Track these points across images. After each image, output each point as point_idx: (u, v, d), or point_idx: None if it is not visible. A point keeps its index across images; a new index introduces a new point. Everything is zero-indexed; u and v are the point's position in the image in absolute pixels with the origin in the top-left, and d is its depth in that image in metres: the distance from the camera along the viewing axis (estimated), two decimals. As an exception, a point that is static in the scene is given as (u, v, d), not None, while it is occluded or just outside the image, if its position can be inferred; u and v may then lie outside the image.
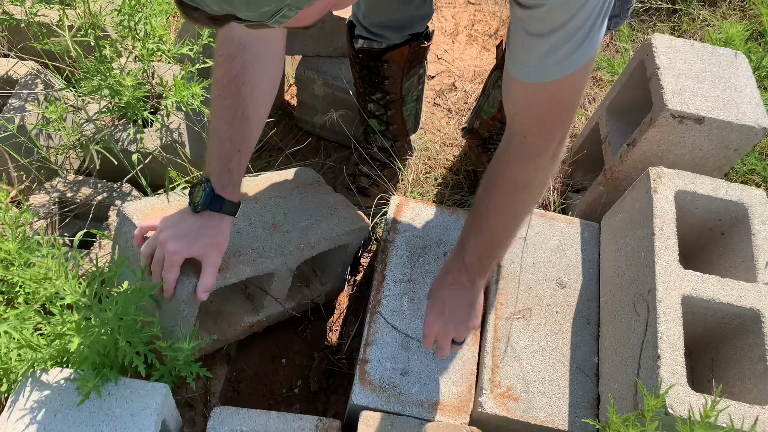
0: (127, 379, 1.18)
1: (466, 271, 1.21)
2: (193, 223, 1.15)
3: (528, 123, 1.07)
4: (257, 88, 1.14)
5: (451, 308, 1.23)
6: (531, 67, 0.97)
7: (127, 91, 1.39)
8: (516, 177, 1.11)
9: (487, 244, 1.19)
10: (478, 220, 1.18)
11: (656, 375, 1.15)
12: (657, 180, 1.37)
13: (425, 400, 1.35)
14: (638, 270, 1.33)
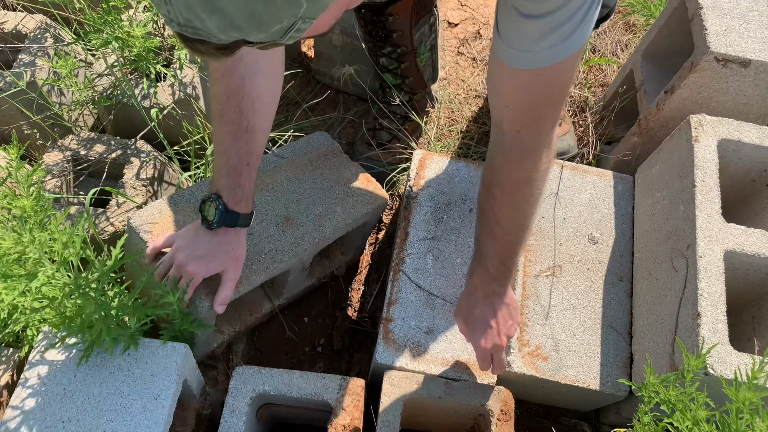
0: (147, 339, 1.16)
1: (494, 280, 1.15)
2: (208, 242, 1.15)
3: (521, 115, 1.00)
4: (258, 101, 1.10)
5: (497, 321, 1.18)
6: (524, 53, 0.90)
7: (137, 42, 1.33)
8: (515, 175, 1.05)
9: (506, 247, 1.13)
10: (490, 227, 1.11)
11: (696, 334, 1.09)
12: (698, 128, 1.29)
13: (450, 359, 1.31)
14: (677, 224, 1.26)
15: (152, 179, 1.48)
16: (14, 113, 1.56)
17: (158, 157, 1.52)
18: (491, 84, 1.02)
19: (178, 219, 1.28)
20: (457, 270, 1.41)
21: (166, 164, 1.56)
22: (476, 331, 1.18)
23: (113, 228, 1.40)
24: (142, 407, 1.09)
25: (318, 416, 1.31)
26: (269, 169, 1.41)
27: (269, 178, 1.40)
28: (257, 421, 1.30)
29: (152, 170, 1.49)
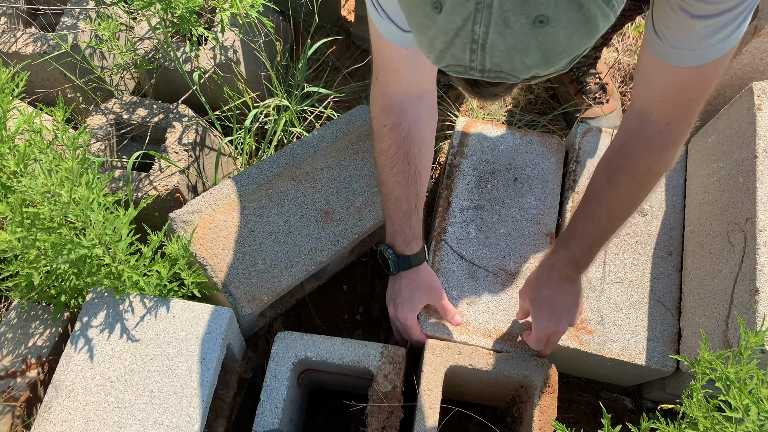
0: (191, 302, 1.16)
1: (574, 264, 1.14)
2: (400, 288, 1.27)
3: (674, 110, 0.98)
4: (423, 144, 1.18)
5: (562, 306, 1.17)
6: (689, 51, 0.86)
7: (180, 3, 1.31)
8: (652, 165, 1.03)
9: (602, 234, 1.10)
10: (594, 210, 1.09)
11: (753, 310, 1.05)
12: (761, 96, 1.22)
13: (493, 330, 1.29)
14: (734, 197, 1.21)
15: (194, 144, 1.48)
16: (58, 76, 1.56)
17: (200, 121, 1.51)
18: (644, 80, 0.99)
19: (218, 219, 1.28)
20: (501, 241, 1.38)
21: (208, 129, 1.55)
22: (541, 312, 1.18)
23: (156, 192, 1.40)
24: (188, 369, 1.10)
25: (358, 383, 1.31)
26: (309, 155, 1.39)
27: (309, 166, 1.38)
28: (298, 386, 1.31)
29: (194, 135, 1.49)
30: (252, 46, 1.59)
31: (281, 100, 1.54)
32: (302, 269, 1.28)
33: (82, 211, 0.96)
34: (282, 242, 1.29)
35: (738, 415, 0.91)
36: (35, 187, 0.92)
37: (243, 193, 1.32)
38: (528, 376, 1.22)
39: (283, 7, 1.78)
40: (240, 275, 1.24)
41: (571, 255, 1.13)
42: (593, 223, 1.10)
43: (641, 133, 1.03)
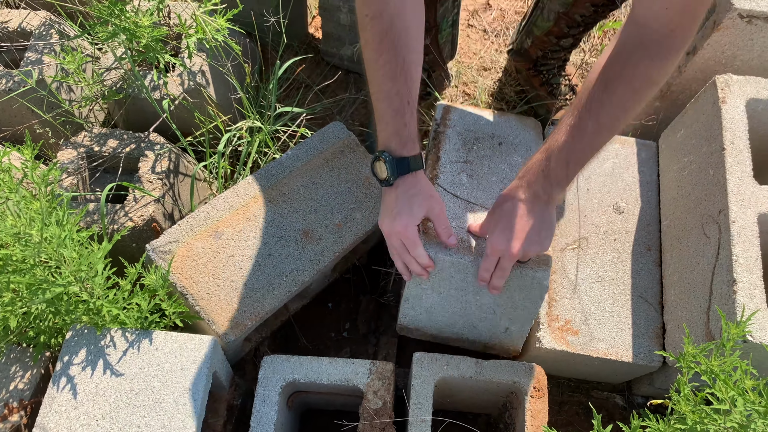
0: (174, 333, 1.15)
1: (546, 180, 1.06)
2: (396, 197, 1.13)
3: (680, 16, 0.96)
4: (409, 35, 1.08)
5: (522, 225, 1.08)
6: None
7: (145, 32, 1.31)
8: (652, 72, 0.99)
9: (584, 148, 1.04)
10: (581, 119, 1.02)
11: (732, 301, 1.06)
12: (725, 89, 1.25)
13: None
14: (706, 189, 1.22)
15: (168, 172, 1.47)
16: (25, 112, 1.54)
17: (172, 149, 1.50)
18: None
19: (196, 247, 1.27)
20: (494, 186, 1.33)
21: (181, 156, 1.54)
22: (495, 227, 1.11)
23: (132, 223, 1.39)
24: (174, 401, 1.08)
25: (349, 401, 1.30)
26: (284, 176, 1.39)
27: (285, 187, 1.37)
28: (288, 409, 1.30)
29: (167, 162, 1.48)
30: (220, 70, 1.59)
31: (253, 121, 1.53)
32: (284, 291, 1.27)
33: (54, 249, 0.95)
34: (262, 265, 1.28)
35: (725, 407, 0.92)
36: (4, 229, 0.90)
37: (220, 219, 1.31)
38: (517, 382, 1.23)
39: (250, 29, 1.78)
40: (222, 302, 1.23)
41: (545, 167, 1.06)
42: (577, 133, 1.03)
43: (641, 41, 0.99)
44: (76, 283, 1.03)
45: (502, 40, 1.99)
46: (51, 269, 1.03)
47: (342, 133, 1.48)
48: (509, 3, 2.09)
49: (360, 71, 1.92)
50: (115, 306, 1.08)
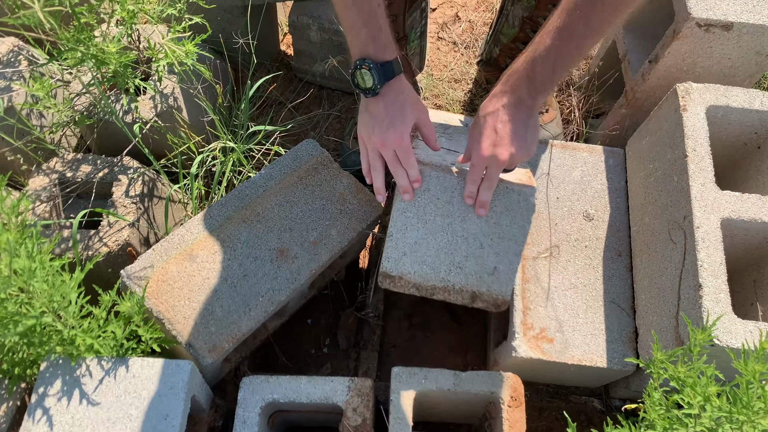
0: (150, 359, 1.15)
1: (530, 85, 1.03)
2: (384, 106, 1.09)
3: None
4: None
5: (508, 130, 1.05)
6: None
7: (112, 58, 1.31)
8: None
9: (571, 52, 1.01)
10: (570, 20, 0.99)
11: (699, 306, 1.08)
12: (685, 97, 1.28)
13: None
14: (671, 195, 1.25)
15: (142, 195, 1.47)
16: (-4, 141, 1.54)
17: (146, 172, 1.50)
18: None
19: (171, 271, 1.27)
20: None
21: (155, 179, 1.54)
22: (481, 136, 1.08)
23: (107, 249, 1.39)
24: (153, 428, 1.08)
25: (331, 419, 1.31)
26: (257, 196, 1.39)
27: (259, 207, 1.38)
28: (269, 428, 1.30)
29: (141, 186, 1.48)
30: (191, 91, 1.60)
31: (226, 141, 1.54)
32: (261, 311, 1.28)
33: (24, 281, 0.95)
34: (238, 286, 1.29)
35: (695, 411, 0.94)
36: (-27, 265, 0.90)
37: (194, 241, 1.32)
38: (494, 392, 1.24)
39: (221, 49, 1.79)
40: (198, 325, 1.24)
41: (530, 71, 1.04)
42: (566, 35, 1.00)
43: None
44: (48, 314, 1.03)
45: (472, 52, 2.02)
46: (23, 301, 1.03)
47: (315, 150, 1.50)
48: (478, 15, 2.12)
49: (332, 86, 1.94)
50: (89, 335, 1.08)
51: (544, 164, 1.50)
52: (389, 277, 1.27)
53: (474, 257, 1.26)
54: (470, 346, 1.61)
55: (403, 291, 1.30)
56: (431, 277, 1.27)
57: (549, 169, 1.49)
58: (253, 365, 1.52)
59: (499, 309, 1.30)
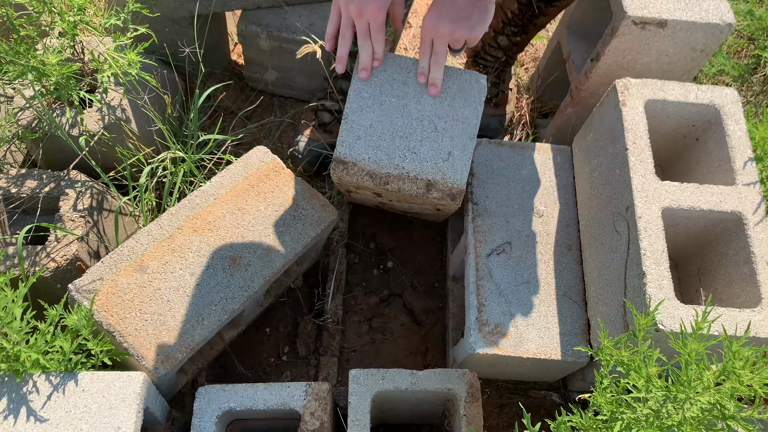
0: (101, 372, 1.13)
1: None
2: None
3: None
4: None
5: (454, 7, 1.08)
6: None
7: (53, 70, 1.29)
8: None
9: None
10: None
11: (643, 292, 1.11)
12: (624, 92, 1.31)
13: None
14: (615, 188, 1.28)
15: (90, 209, 1.44)
16: (-64, 158, 1.49)
17: (94, 185, 1.48)
18: None
19: (121, 283, 1.25)
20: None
21: (104, 192, 1.52)
22: (430, 13, 1.12)
23: (55, 264, 1.36)
24: (104, 443, 1.06)
25: (290, 425, 1.30)
26: (208, 204, 1.38)
27: (209, 215, 1.37)
28: (227, 438, 1.29)
29: (89, 200, 1.45)
30: (139, 102, 1.58)
31: (175, 152, 1.53)
32: (214, 320, 1.26)
33: (-37, 298, 0.92)
34: (190, 296, 1.27)
35: (642, 395, 0.96)
36: None
37: (144, 252, 1.30)
38: (452, 389, 1.25)
39: (170, 59, 1.77)
40: (150, 336, 1.22)
41: None
42: None
43: None
44: (-10, 330, 1.01)
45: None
46: (-38, 319, 1.00)
47: (266, 157, 1.49)
48: None
49: (284, 94, 1.94)
50: (34, 351, 1.05)
51: (494, 164, 1.52)
52: (342, 163, 1.25)
53: (429, 141, 1.26)
54: (430, 346, 1.62)
55: (357, 180, 1.27)
56: (386, 164, 1.25)
57: (497, 168, 1.52)
58: (211, 376, 1.50)
59: (455, 200, 1.28)
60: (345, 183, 1.29)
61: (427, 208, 1.45)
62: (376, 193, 1.35)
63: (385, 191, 1.29)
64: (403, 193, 1.27)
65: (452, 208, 1.35)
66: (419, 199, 1.29)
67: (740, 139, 1.28)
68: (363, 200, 1.54)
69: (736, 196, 1.21)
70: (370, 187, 1.28)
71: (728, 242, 1.24)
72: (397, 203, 1.45)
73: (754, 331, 1.08)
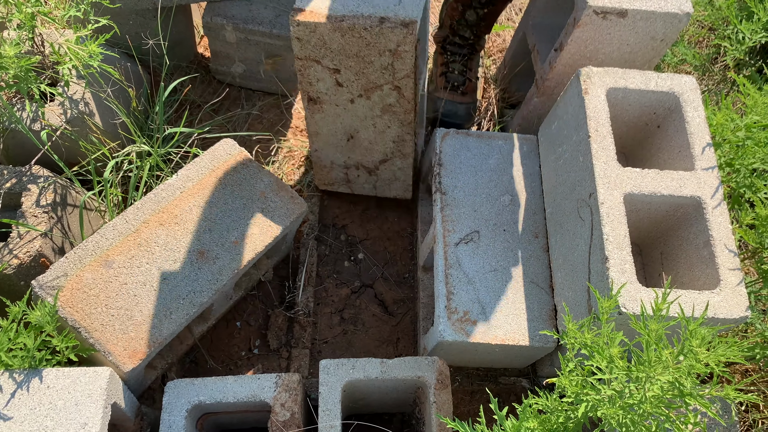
0: (66, 369, 1.11)
1: None
2: None
3: None
4: None
5: None
6: None
7: (10, 62, 1.26)
8: None
9: None
10: None
11: (606, 277, 1.14)
12: (587, 80, 1.33)
13: None
14: (578, 175, 1.30)
15: (54, 204, 1.42)
16: None
17: (57, 180, 1.45)
18: None
19: (85, 278, 1.24)
20: None
21: (68, 187, 1.49)
22: None
23: (18, 260, 1.33)
24: (70, 439, 1.05)
25: (261, 417, 1.30)
26: (174, 197, 1.37)
27: (176, 209, 1.36)
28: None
29: (53, 195, 1.43)
30: (102, 95, 1.55)
31: (140, 146, 1.51)
32: (182, 314, 1.26)
33: None
34: (157, 290, 1.26)
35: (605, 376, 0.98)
36: None
37: (110, 247, 1.29)
38: (421, 377, 1.26)
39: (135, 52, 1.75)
40: (117, 331, 1.21)
41: None
42: None
43: None
44: (-50, 328, 0.99)
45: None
46: None
47: (233, 150, 1.48)
48: None
49: (252, 87, 1.92)
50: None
51: (462, 153, 1.53)
52: (300, 11, 1.27)
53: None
54: (401, 336, 1.63)
55: (316, 35, 1.28)
56: (340, 9, 1.27)
57: (464, 157, 1.53)
58: (182, 371, 1.49)
59: (410, 31, 1.27)
60: (306, 47, 1.31)
61: (386, 82, 1.40)
62: (334, 69, 1.35)
63: (342, 51, 1.30)
64: (360, 38, 1.27)
65: (408, 62, 1.32)
66: (375, 50, 1.29)
67: (699, 125, 1.31)
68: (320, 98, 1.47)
69: (695, 181, 1.24)
70: (328, 45, 1.30)
71: (689, 226, 1.27)
72: (355, 80, 1.40)
73: (713, 312, 1.10)
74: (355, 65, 1.32)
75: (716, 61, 2.09)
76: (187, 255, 1.31)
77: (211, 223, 1.37)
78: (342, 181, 1.69)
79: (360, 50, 1.28)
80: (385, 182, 1.61)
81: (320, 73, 1.37)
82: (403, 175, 1.56)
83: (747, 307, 1.12)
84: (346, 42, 1.28)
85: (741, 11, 1.90)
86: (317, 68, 1.36)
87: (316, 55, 1.33)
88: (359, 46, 1.27)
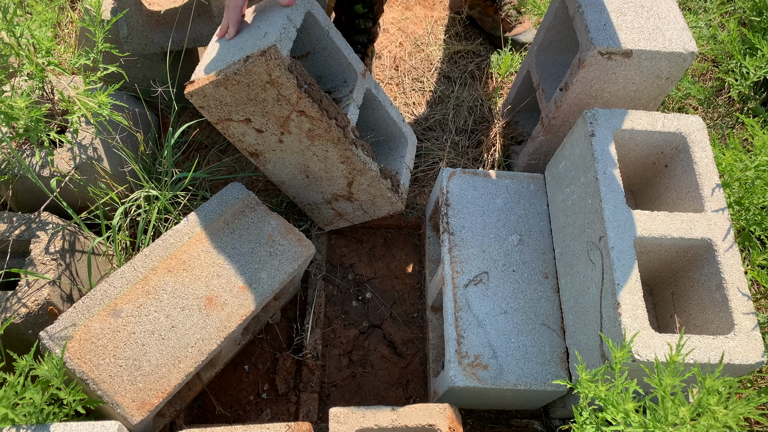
0: (73, 423, 1.10)
1: None
2: None
3: None
4: None
5: None
6: None
7: (21, 113, 1.27)
8: None
9: None
10: None
11: (618, 323, 1.12)
12: (593, 122, 1.34)
13: None
14: (587, 218, 1.30)
15: (62, 251, 1.42)
16: None
17: (66, 227, 1.46)
18: None
19: (94, 328, 1.23)
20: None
21: (77, 233, 1.49)
22: None
23: (26, 309, 1.33)
24: (78, 497, 1.03)
25: (270, 466, 1.28)
26: (182, 243, 1.37)
27: (184, 255, 1.35)
28: (207, 483, 1.26)
29: (61, 242, 1.43)
30: (110, 141, 1.57)
31: (148, 190, 1.51)
32: (191, 363, 1.25)
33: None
34: (166, 339, 1.26)
35: (621, 428, 0.97)
36: None
37: (118, 296, 1.28)
38: (432, 424, 1.24)
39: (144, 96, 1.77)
40: (125, 382, 1.20)
41: None
42: None
43: None
44: (-42, 386, 0.98)
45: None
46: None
47: (241, 193, 1.49)
48: None
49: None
50: (3, 405, 1.02)
51: (468, 193, 1.53)
52: (190, 83, 1.35)
53: (252, 37, 1.33)
54: (411, 378, 1.61)
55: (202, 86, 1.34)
56: (217, 66, 1.33)
57: (472, 197, 1.53)
58: (190, 417, 1.48)
59: (269, 57, 1.30)
60: (211, 112, 1.40)
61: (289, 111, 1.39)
62: (246, 119, 1.39)
63: (237, 101, 1.35)
64: (238, 84, 1.30)
65: (289, 85, 1.33)
66: (257, 88, 1.32)
67: (707, 165, 1.31)
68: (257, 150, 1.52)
69: (705, 223, 1.23)
70: (223, 101, 1.35)
71: (700, 268, 1.26)
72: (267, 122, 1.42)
73: (728, 358, 1.09)
74: (256, 108, 1.36)
75: (720, 94, 2.09)
76: (195, 302, 1.31)
77: (219, 268, 1.36)
78: (336, 217, 1.69)
79: (248, 94, 1.32)
80: (367, 203, 1.59)
81: (239, 128, 1.42)
82: (376, 190, 1.53)
83: (763, 352, 1.10)
84: (233, 92, 1.32)
85: (744, 44, 1.91)
86: (234, 125, 1.41)
87: (223, 114, 1.39)
88: (244, 90, 1.31)
